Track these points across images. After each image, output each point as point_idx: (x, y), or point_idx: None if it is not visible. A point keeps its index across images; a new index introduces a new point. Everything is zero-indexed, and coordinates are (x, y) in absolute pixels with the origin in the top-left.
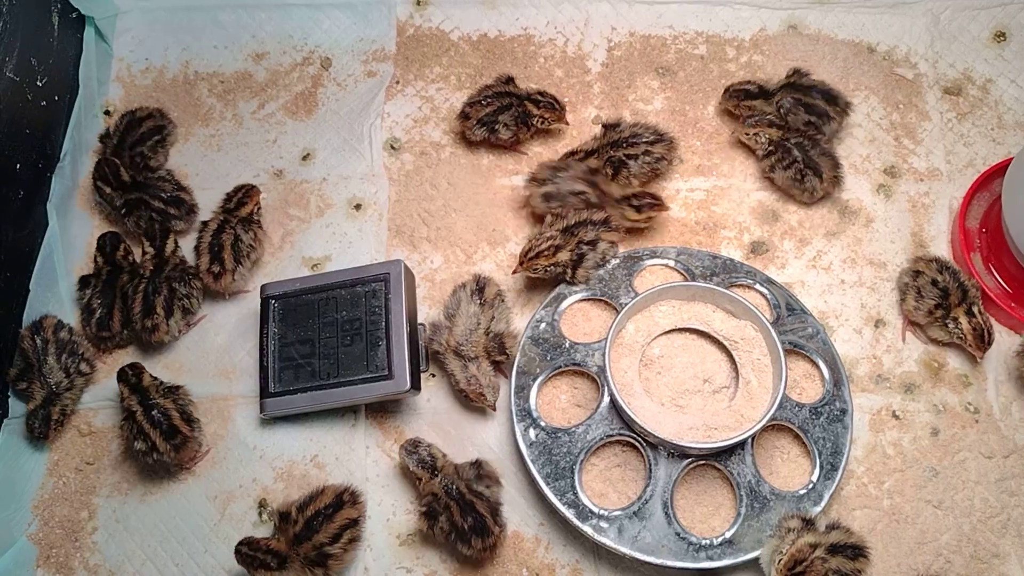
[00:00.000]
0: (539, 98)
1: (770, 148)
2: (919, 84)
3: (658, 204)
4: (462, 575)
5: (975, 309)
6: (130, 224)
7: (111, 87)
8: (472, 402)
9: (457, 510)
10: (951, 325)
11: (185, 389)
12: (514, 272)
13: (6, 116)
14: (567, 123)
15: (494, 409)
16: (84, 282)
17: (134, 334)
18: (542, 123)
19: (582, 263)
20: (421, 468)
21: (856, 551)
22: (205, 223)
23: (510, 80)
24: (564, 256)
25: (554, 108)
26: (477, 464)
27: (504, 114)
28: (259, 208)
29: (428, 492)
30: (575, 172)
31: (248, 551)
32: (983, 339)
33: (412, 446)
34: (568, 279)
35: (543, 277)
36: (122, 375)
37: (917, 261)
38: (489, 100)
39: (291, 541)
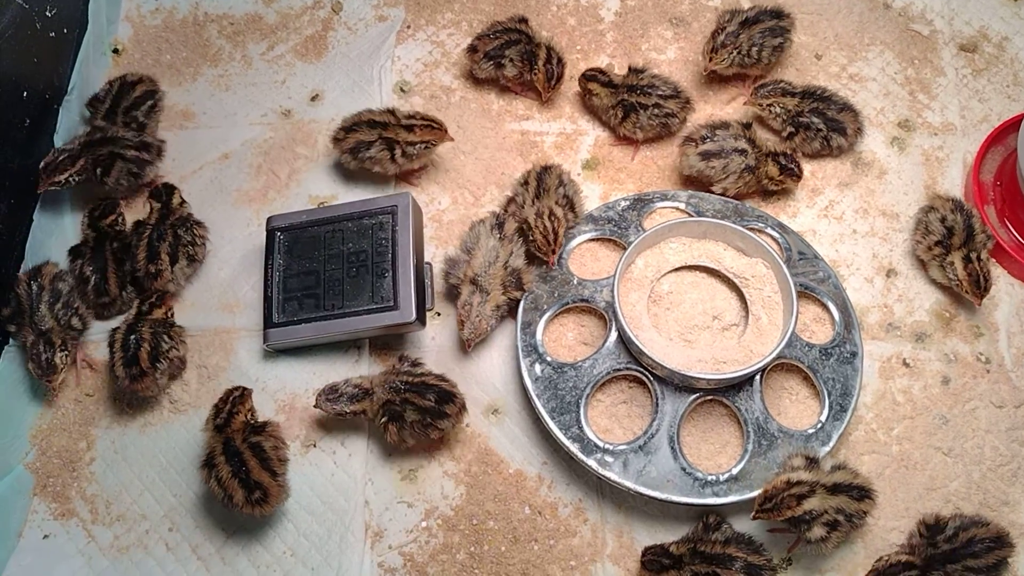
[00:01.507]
0: (551, 57)
1: (791, 129)
2: (934, 40)
3: (796, 175)
4: (463, 510)
5: (974, 255)
6: (110, 182)
7: (120, 26)
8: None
9: (416, 396)
10: (948, 269)
11: (178, 329)
12: (551, 265)
13: (14, 42)
14: (548, 99)
15: (467, 347)
16: (76, 252)
17: (136, 291)
18: (534, 77)
19: (572, 202)
20: (356, 402)
21: (862, 492)
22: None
23: (523, 20)
24: (559, 212)
25: (549, 80)
26: (403, 357)
27: (511, 48)
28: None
29: (378, 406)
30: (735, 130)
31: None
32: (979, 285)
33: (331, 391)
34: (572, 225)
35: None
36: (145, 296)
37: (935, 199)
38: (498, 34)
39: None
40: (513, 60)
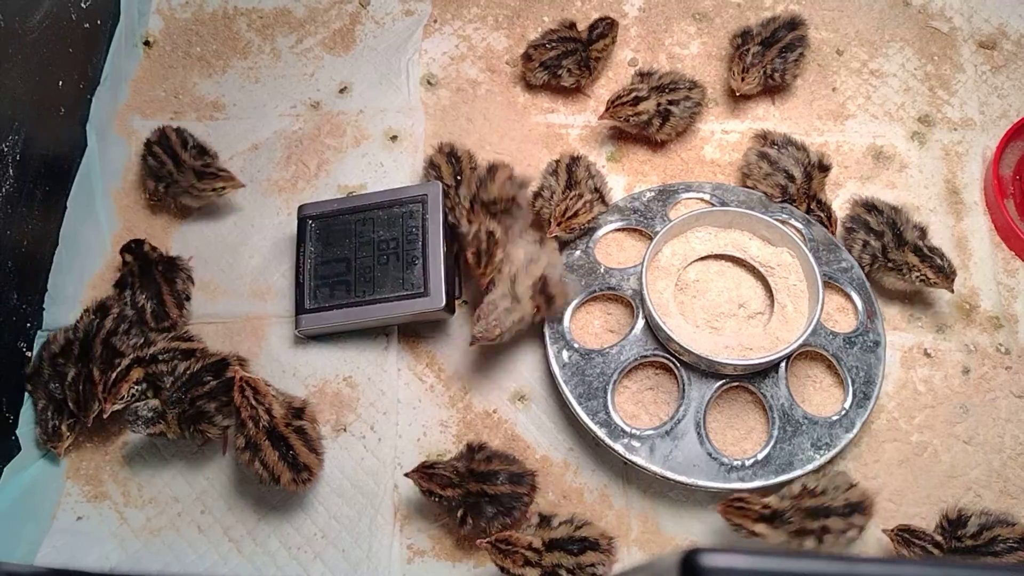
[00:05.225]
0: (596, 29)
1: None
2: (954, 37)
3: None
4: None
5: (925, 245)
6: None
7: (151, 19)
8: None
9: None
10: (905, 271)
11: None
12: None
13: (50, 32)
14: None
15: (472, 344)
16: (121, 285)
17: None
18: (605, 50)
19: (601, 193)
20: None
21: (852, 508)
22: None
23: (572, 26)
24: (597, 210)
25: (613, 28)
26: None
27: (568, 59)
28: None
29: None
30: (792, 153)
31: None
32: (942, 270)
33: (132, 414)
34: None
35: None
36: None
37: (855, 206)
38: (554, 44)
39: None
40: (570, 70)
